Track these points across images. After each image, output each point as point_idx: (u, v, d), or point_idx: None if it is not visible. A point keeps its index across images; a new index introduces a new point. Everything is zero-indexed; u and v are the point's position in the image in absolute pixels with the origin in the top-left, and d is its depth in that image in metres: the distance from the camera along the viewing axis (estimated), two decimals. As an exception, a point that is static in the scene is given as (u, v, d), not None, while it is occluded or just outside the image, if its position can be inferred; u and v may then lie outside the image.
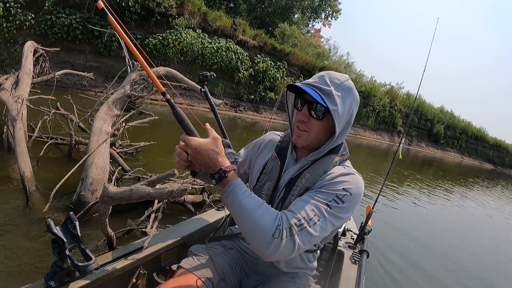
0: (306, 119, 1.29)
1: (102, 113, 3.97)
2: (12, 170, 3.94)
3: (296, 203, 1.19)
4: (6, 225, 2.82)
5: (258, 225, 1.07)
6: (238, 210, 1.10)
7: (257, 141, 1.64)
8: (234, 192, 1.12)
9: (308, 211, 1.14)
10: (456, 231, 6.80)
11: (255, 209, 1.09)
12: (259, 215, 1.08)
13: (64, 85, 12.77)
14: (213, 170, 1.14)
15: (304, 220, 1.12)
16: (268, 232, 1.06)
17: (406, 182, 11.06)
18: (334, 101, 1.23)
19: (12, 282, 2.17)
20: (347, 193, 1.21)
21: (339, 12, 32.19)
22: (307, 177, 1.32)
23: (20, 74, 5.08)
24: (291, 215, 1.13)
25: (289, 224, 1.09)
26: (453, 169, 23.33)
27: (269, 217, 1.08)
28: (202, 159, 1.13)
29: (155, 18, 16.48)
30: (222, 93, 19.69)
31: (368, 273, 2.30)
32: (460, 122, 38.16)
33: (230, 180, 1.13)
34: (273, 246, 1.05)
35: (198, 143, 1.13)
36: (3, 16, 12.96)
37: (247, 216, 1.09)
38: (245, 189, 1.14)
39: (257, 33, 21.81)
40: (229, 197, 1.12)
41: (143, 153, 5.90)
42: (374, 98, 28.63)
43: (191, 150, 1.14)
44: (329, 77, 1.27)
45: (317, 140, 1.34)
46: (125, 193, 1.66)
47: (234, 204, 1.11)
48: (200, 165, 1.16)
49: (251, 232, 1.09)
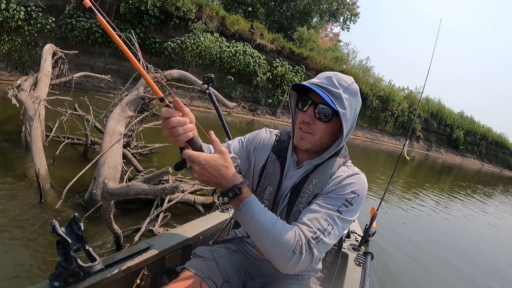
0: (311, 120, 1.26)
1: (116, 114, 4.05)
2: (29, 168, 4.04)
3: (309, 215, 1.18)
4: (18, 221, 2.90)
5: (277, 243, 1.08)
6: (256, 229, 1.10)
7: (253, 136, 1.56)
8: (251, 210, 1.09)
9: (321, 222, 1.15)
10: (464, 235, 6.71)
11: (272, 226, 1.09)
12: (278, 232, 1.08)
13: (83, 87, 13.03)
14: (225, 187, 1.08)
15: (319, 231, 1.13)
16: (288, 249, 1.07)
17: (419, 189, 10.89)
18: (343, 104, 1.20)
19: (17, 282, 2.21)
20: (355, 195, 1.22)
21: (357, 15, 31.98)
22: (314, 183, 1.29)
23: (39, 76, 5.23)
24: (306, 229, 1.13)
25: (306, 238, 1.11)
26: (472, 176, 22.82)
27: (287, 234, 1.09)
28: (212, 176, 1.05)
29: (173, 22, 16.65)
30: (240, 96, 19.74)
31: (372, 275, 2.28)
32: (480, 127, 37.19)
33: (245, 197, 1.09)
34: (293, 261, 1.07)
35: (207, 158, 1.03)
36: (25, 20, 13.26)
37: (266, 234, 1.09)
38: (261, 205, 1.13)
39: (275, 37, 21.79)
40: (245, 215, 1.10)
41: (157, 155, 5.97)
42: (393, 102, 28.22)
43: (199, 166, 1.03)
44: (337, 79, 1.24)
45: (320, 143, 1.31)
46: (122, 189, 1.69)
47: (251, 222, 1.09)
48: (208, 182, 1.07)
49: (271, 249, 1.10)
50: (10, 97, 4.80)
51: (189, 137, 1.03)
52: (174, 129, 0.99)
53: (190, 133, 1.03)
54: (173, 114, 0.98)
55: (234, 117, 18.37)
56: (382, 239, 4.68)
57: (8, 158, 4.32)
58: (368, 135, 27.38)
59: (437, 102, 33.53)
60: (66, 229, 1.30)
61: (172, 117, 0.98)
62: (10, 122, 5.89)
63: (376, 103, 26.80)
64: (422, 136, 31.40)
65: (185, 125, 1.00)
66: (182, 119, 0.99)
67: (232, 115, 18.29)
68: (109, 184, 1.71)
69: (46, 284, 1.28)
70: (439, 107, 32.93)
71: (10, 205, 3.12)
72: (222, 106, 7.66)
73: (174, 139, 1.01)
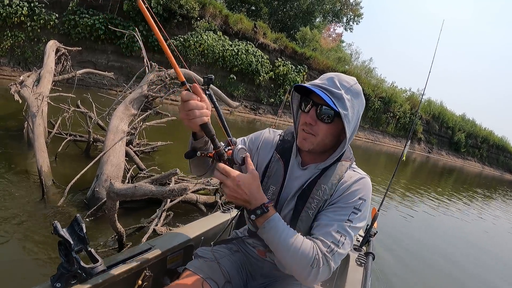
0: (313, 122, 1.26)
1: (119, 112, 4.04)
2: (31, 165, 4.02)
3: (322, 229, 1.22)
4: (20, 218, 2.89)
5: (298, 259, 1.14)
6: (278, 245, 1.16)
7: (256, 136, 1.56)
8: (275, 228, 1.16)
9: (335, 235, 1.20)
10: (466, 238, 6.68)
11: (293, 242, 1.15)
12: (298, 249, 1.15)
13: (86, 84, 13.03)
14: (253, 205, 1.16)
15: (334, 244, 1.18)
16: (307, 263, 1.14)
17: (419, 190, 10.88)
18: (344, 106, 1.20)
19: (19, 282, 2.20)
20: (362, 200, 1.26)
21: (360, 16, 31.96)
22: (323, 189, 1.29)
23: (42, 72, 5.22)
24: (322, 244, 1.18)
25: (322, 253, 1.16)
26: (472, 179, 22.80)
27: (306, 250, 1.15)
28: (243, 194, 1.13)
29: (176, 20, 16.66)
30: (243, 95, 19.74)
31: (373, 275, 2.29)
32: (482, 130, 37.18)
33: (270, 216, 1.17)
34: (312, 274, 1.15)
35: (241, 176, 1.13)
36: (28, 15, 13.26)
37: (288, 251, 1.15)
38: (284, 223, 1.20)
39: (278, 37, 21.79)
40: (269, 232, 1.17)
41: (160, 153, 5.97)
42: (395, 104, 28.21)
43: (232, 183, 1.12)
44: (339, 80, 1.24)
45: (323, 144, 1.30)
46: (129, 190, 1.68)
47: (274, 239, 1.17)
48: (237, 199, 1.15)
49: (291, 264, 1.17)
50: (12, 93, 4.80)
51: (204, 121, 1.09)
52: (191, 111, 1.05)
53: (206, 118, 1.09)
54: (192, 97, 1.05)
55: (236, 116, 18.38)
56: (383, 239, 4.67)
57: (10, 154, 4.30)
58: (369, 136, 27.37)
59: (439, 104, 33.55)
60: (68, 230, 1.30)
61: (191, 100, 1.05)
62: (12, 118, 5.87)
63: (378, 104, 26.79)
64: (423, 138, 31.36)
65: (202, 109, 1.07)
66: (199, 103, 1.07)
67: (233, 114, 18.30)
68: (115, 184, 1.70)
69: (48, 285, 1.28)
70: (441, 109, 32.95)
71: (11, 202, 3.11)
72: (224, 105, 7.67)
73: (190, 122, 1.08)
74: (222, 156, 1.17)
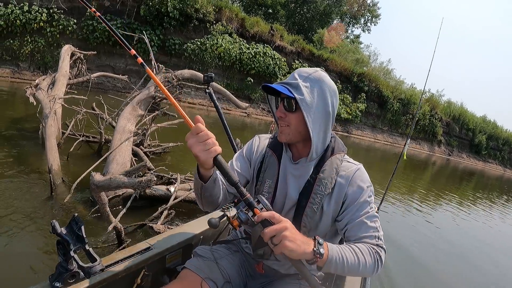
0: (283, 114, 1.34)
1: (127, 113, 4.15)
2: (44, 164, 4.16)
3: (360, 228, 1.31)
4: (28, 214, 3.00)
5: (366, 267, 1.22)
6: (344, 271, 1.22)
7: (248, 146, 1.61)
8: (336, 263, 1.18)
9: (371, 225, 1.31)
10: (471, 239, 6.58)
11: (357, 259, 1.21)
12: (364, 260, 1.22)
13: (104, 88, 13.35)
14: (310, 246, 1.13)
15: (375, 231, 1.31)
16: (374, 263, 1.25)
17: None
18: (300, 91, 1.28)
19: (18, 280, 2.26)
20: (370, 187, 1.38)
21: (378, 17, 31.71)
22: (324, 183, 1.35)
23: (57, 76, 5.39)
24: (369, 239, 1.29)
25: (375, 246, 1.28)
26: (493, 183, 22.19)
27: (368, 255, 1.24)
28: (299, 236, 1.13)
29: (193, 24, 16.90)
30: (260, 98, 19.80)
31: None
32: (503, 132, 35.91)
33: (327, 257, 1.16)
34: (378, 264, 1.26)
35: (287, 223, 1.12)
36: (47, 21, 13.68)
37: (354, 270, 1.21)
38: (340, 252, 1.20)
39: (295, 39, 21.83)
40: (331, 268, 1.19)
41: (171, 154, 6.07)
42: (414, 105, 27.72)
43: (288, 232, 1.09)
44: (298, 72, 1.35)
45: (298, 133, 1.35)
46: (106, 181, 1.76)
47: (337, 269, 1.20)
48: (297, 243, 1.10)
49: (363, 274, 1.27)
50: (28, 95, 4.97)
51: (220, 150, 1.08)
52: (208, 141, 1.05)
53: (219, 148, 1.08)
54: (203, 129, 1.04)
55: (254, 118, 18.45)
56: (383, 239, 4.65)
57: (24, 154, 4.47)
58: (388, 138, 27.02)
59: (459, 105, 32.75)
60: (66, 229, 1.31)
61: (204, 130, 1.04)
62: (30, 120, 6.09)
63: (397, 106, 26.45)
64: (443, 141, 30.67)
65: (213, 137, 1.06)
66: (209, 132, 1.06)
67: (251, 117, 18.36)
68: (95, 176, 1.78)
69: (46, 285, 1.28)
70: (462, 110, 32.09)
71: (20, 198, 3.25)
72: (235, 107, 7.71)
73: (208, 153, 1.06)
74: (251, 205, 1.13)
